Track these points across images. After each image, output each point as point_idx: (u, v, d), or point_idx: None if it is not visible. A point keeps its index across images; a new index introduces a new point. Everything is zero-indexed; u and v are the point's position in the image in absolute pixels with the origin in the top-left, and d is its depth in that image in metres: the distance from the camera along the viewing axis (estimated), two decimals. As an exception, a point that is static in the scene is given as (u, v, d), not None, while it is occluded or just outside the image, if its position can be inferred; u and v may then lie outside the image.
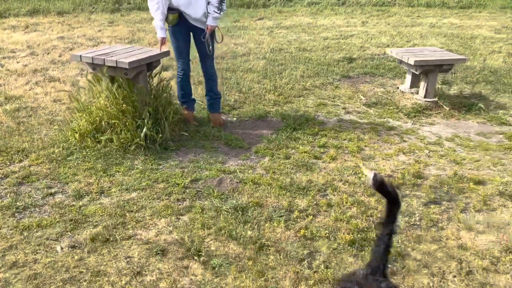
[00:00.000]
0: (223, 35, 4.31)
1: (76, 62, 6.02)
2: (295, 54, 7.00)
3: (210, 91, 4.41)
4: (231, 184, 3.35)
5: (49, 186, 3.24)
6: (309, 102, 5.06)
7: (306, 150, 3.88)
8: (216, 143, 4.06)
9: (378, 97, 5.20)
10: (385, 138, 4.15)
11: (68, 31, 8.33)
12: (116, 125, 3.78)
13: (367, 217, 2.93)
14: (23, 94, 5.01)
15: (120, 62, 3.61)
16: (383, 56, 6.83)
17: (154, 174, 3.44)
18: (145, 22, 9.01)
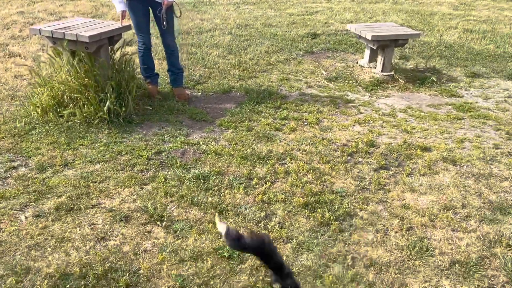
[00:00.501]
0: (181, 10, 4.35)
1: (37, 37, 5.92)
2: (261, 30, 7.07)
3: (172, 66, 4.47)
4: (194, 155, 3.47)
5: (11, 160, 3.27)
6: (272, 77, 5.18)
7: (268, 122, 4.03)
8: (180, 117, 4.14)
9: (339, 72, 5.38)
10: (343, 110, 4.35)
11: (28, 5, 8.08)
12: (78, 99, 3.81)
13: (321, 182, 3.13)
14: (-19, 70, 4.91)
15: (81, 36, 3.61)
16: (346, 32, 6.99)
17: (118, 147, 3.52)
18: None
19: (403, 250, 2.49)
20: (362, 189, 3.07)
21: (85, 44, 3.67)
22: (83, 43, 3.67)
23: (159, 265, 2.34)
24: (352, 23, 7.45)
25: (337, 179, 3.18)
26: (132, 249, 2.46)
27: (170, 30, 4.26)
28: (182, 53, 5.74)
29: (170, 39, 4.33)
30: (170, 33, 4.30)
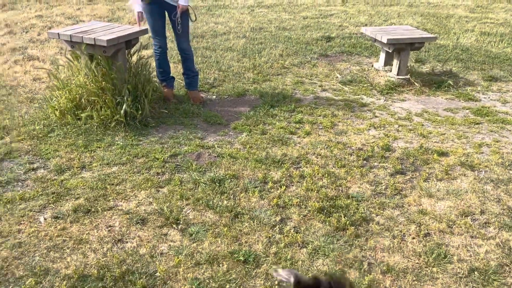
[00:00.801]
0: (195, 14, 4.39)
1: (55, 40, 6.01)
2: (275, 33, 7.08)
3: (187, 70, 4.51)
4: (209, 158, 3.49)
5: (31, 161, 3.33)
6: (287, 80, 5.18)
7: (283, 126, 4.03)
8: (195, 120, 4.17)
9: (354, 75, 5.35)
10: (358, 114, 4.32)
11: (46, 9, 8.22)
12: (96, 102, 3.86)
13: (337, 186, 3.11)
14: (2, 72, 5.01)
15: (99, 40, 3.66)
16: (360, 35, 6.96)
17: (134, 150, 3.55)
18: (124, 0, 8.92)
19: (421, 256, 2.47)
20: (378, 194, 3.05)
21: (103, 48, 3.72)
22: (101, 47, 3.72)
23: (175, 268, 2.36)
24: (366, 26, 7.42)
25: (352, 183, 3.17)
26: (149, 252, 2.48)
27: (185, 34, 4.31)
28: (197, 56, 5.78)
29: (185, 43, 4.37)
30: (185, 37, 4.34)
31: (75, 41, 3.77)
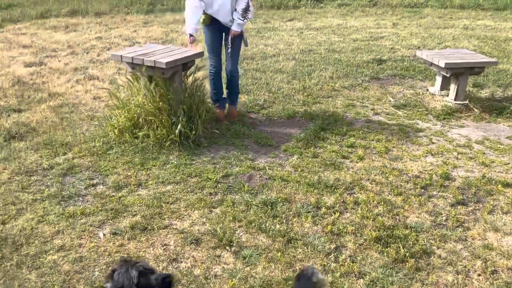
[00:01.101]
0: (247, 40, 4.51)
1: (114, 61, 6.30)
2: (325, 55, 7.07)
3: (231, 88, 4.62)
4: (260, 180, 3.49)
5: (91, 177, 3.46)
6: (337, 103, 5.13)
7: (334, 149, 3.98)
8: (246, 141, 4.20)
9: (407, 99, 5.22)
10: (414, 140, 4.19)
11: (105, 31, 8.67)
12: (152, 121, 3.98)
13: (393, 215, 3.01)
14: (65, 91, 5.30)
15: (158, 62, 3.80)
16: (413, 58, 6.81)
17: (188, 169, 3.62)
18: (178, 23, 9.25)
19: (488, 295, 2.32)
20: (439, 225, 2.91)
21: (162, 69, 3.85)
22: (160, 68, 3.85)
23: (229, 292, 2.34)
24: (420, 49, 7.27)
25: (410, 213, 3.05)
26: (203, 273, 2.48)
27: (235, 56, 4.45)
28: (247, 78, 5.86)
29: (234, 65, 4.50)
30: (235, 59, 4.48)
31: (136, 63, 3.94)
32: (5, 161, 3.64)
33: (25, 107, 4.78)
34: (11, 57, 6.69)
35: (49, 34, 8.35)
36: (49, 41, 7.74)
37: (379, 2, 12.23)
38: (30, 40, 7.83)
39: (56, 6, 10.83)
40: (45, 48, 7.28)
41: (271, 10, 11.34)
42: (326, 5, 12.08)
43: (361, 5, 11.88)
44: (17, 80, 5.59)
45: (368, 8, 11.65)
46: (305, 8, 11.72)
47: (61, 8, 10.59)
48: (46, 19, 9.72)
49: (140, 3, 11.36)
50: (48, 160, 3.69)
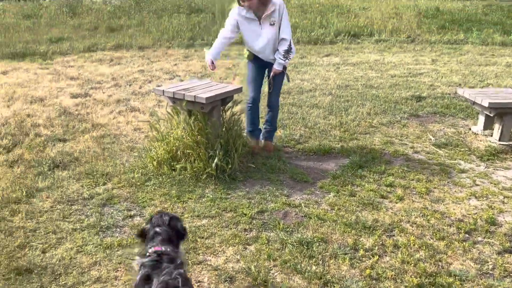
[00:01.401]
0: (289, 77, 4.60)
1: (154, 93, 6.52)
2: (362, 91, 7.03)
3: (269, 122, 4.67)
4: (296, 218, 3.43)
5: (128, 208, 3.52)
6: (375, 140, 5.05)
7: (372, 188, 3.88)
8: (281, 176, 4.18)
9: (449, 138, 5.08)
10: (456, 181, 4.04)
11: (147, 64, 9.03)
12: (190, 154, 4.05)
13: (436, 261, 2.87)
14: (107, 122, 5.50)
15: (198, 97, 3.89)
16: (454, 96, 6.67)
17: (223, 203, 3.62)
18: (217, 57, 9.49)
19: None
20: (485, 274, 2.75)
21: (201, 104, 3.94)
22: (200, 103, 3.94)
23: (263, 335, 2.27)
24: (460, 86, 7.12)
25: (454, 259, 2.90)
26: (236, 314, 2.43)
27: (276, 91, 4.53)
28: (283, 112, 5.89)
29: (275, 99, 4.59)
30: (276, 94, 4.56)
31: (177, 97, 4.05)
32: (49, 189, 3.77)
33: (70, 137, 4.98)
34: (59, 88, 7.04)
35: (95, 66, 8.78)
36: (94, 74, 8.12)
37: (417, 38, 12.17)
38: (77, 72, 8.25)
39: (102, 40, 11.42)
40: (90, 80, 7.64)
41: (308, 46, 11.49)
42: (363, 41, 12.13)
43: (399, 41, 11.85)
44: (63, 110, 5.86)
45: (406, 44, 11.60)
46: (341, 43, 11.81)
47: (107, 42, 11.15)
48: (93, 53, 10.24)
49: (181, 38, 11.80)
50: (89, 189, 3.79)
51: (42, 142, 4.77)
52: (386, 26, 13.38)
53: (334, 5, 17.16)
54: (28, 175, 4.01)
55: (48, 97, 6.48)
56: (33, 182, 3.87)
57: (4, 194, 3.62)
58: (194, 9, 15.81)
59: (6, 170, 4.10)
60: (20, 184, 3.82)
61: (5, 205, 3.47)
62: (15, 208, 3.44)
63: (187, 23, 13.48)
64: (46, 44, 10.92)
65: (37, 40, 11.44)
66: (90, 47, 10.65)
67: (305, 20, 13.94)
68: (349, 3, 17.85)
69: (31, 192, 3.69)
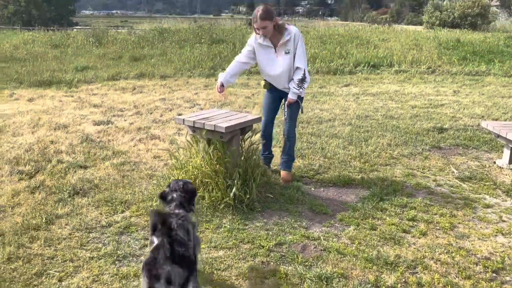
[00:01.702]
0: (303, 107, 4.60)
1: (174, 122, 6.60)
2: (382, 122, 6.98)
3: (286, 152, 4.68)
4: (315, 251, 3.35)
5: (146, 237, 3.50)
6: (396, 172, 4.96)
7: (394, 222, 3.78)
8: (300, 207, 4.11)
9: (473, 171, 4.94)
10: (481, 216, 3.90)
11: (168, 93, 9.20)
12: (208, 183, 4.03)
13: (463, 302, 2.73)
14: (128, 149, 5.56)
15: (218, 127, 3.92)
16: (477, 128, 6.54)
17: (241, 234, 3.56)
18: (236, 87, 9.63)
19: None
20: (516, 318, 2.60)
21: (221, 133, 3.95)
22: (219, 132, 3.96)
23: None
24: (483, 118, 6.99)
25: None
26: None
27: (292, 120, 4.57)
28: (302, 142, 5.87)
29: (290, 129, 4.61)
30: (292, 124, 4.59)
31: (197, 126, 4.08)
32: (68, 216, 3.79)
33: (91, 163, 5.04)
34: (82, 115, 7.21)
35: (118, 95, 8.99)
36: (117, 101, 8.31)
37: (438, 69, 12.12)
38: (100, 100, 8.45)
39: (126, 69, 11.75)
40: (113, 107, 7.81)
41: (327, 76, 11.57)
42: (383, 71, 12.15)
43: (419, 72, 11.83)
44: (85, 137, 5.97)
45: (427, 75, 11.56)
46: (361, 74, 11.85)
47: (130, 71, 11.46)
48: (116, 81, 10.52)
49: (202, 67, 12.05)
50: (107, 217, 3.80)
51: (64, 168, 4.84)
52: (406, 57, 13.41)
53: (353, 37, 17.35)
54: (48, 201, 4.05)
55: (71, 124, 6.63)
56: (53, 209, 3.91)
57: (24, 221, 3.65)
58: (216, 40, 16.21)
59: (28, 196, 4.16)
60: (41, 211, 3.86)
61: (25, 232, 3.50)
62: (34, 234, 3.46)
63: (208, 53, 13.80)
64: (72, 73, 11.29)
65: (64, 68, 11.85)
66: (114, 76, 10.96)
67: (324, 51, 14.10)
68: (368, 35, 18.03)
69: (51, 219, 3.72)
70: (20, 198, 4.11)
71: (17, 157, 5.13)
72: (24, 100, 8.39)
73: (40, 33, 20.28)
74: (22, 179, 4.54)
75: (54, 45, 16.12)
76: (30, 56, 13.69)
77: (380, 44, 15.97)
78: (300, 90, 4.35)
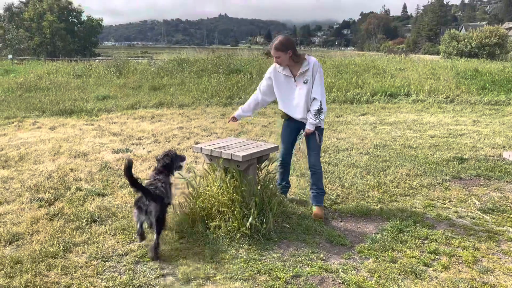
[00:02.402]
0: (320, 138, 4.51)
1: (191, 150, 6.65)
2: (400, 151, 6.90)
3: (313, 184, 4.60)
4: (333, 284, 3.27)
5: (161, 267, 3.47)
6: (416, 203, 4.86)
7: (415, 255, 3.67)
8: (317, 238, 4.04)
9: (495, 203, 4.81)
10: (506, 250, 3.77)
11: (186, 122, 9.32)
12: (225, 212, 4.01)
13: None
14: (146, 177, 5.60)
15: (235, 156, 3.93)
16: (499, 158, 6.41)
17: (257, 265, 3.51)
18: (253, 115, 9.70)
19: None
20: None
21: (238, 162, 3.96)
22: (236, 161, 3.97)
23: None
24: (505, 149, 6.85)
25: None
26: None
27: (314, 152, 4.53)
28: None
29: (314, 160, 4.56)
30: (315, 155, 4.54)
31: (214, 155, 4.10)
32: (85, 244, 3.80)
33: (109, 191, 5.09)
34: (102, 143, 7.34)
35: (137, 123, 9.15)
36: (136, 130, 8.45)
37: (456, 98, 12.03)
38: (119, 128, 8.61)
39: (145, 98, 12.00)
40: (132, 136, 7.93)
41: (344, 105, 11.58)
42: (400, 100, 12.11)
43: (437, 101, 11.76)
44: (104, 165, 6.05)
45: (445, 104, 11.48)
46: (378, 103, 11.83)
47: (149, 100, 11.69)
48: (136, 110, 10.73)
49: (220, 97, 12.22)
50: (124, 246, 3.79)
51: (82, 196, 4.89)
52: (423, 86, 13.38)
53: (370, 66, 17.45)
54: (66, 229, 4.08)
55: (91, 152, 6.75)
56: (71, 237, 3.93)
57: (42, 248, 3.67)
58: (233, 70, 16.50)
59: (46, 223, 4.20)
60: (58, 238, 3.88)
61: (42, 259, 3.51)
62: (51, 262, 3.47)
63: (225, 82, 14.02)
64: (93, 102, 11.58)
65: (85, 98, 12.17)
66: (133, 105, 11.19)
67: (341, 80, 14.18)
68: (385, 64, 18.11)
69: (68, 247, 3.73)
70: (39, 225, 4.15)
71: (38, 184, 5.22)
72: (46, 128, 8.61)
73: (63, 63, 21.01)
74: (41, 206, 4.60)
75: (77, 75, 16.64)
76: (53, 86, 14.13)
77: (397, 73, 16.00)
78: (317, 120, 4.34)
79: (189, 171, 5.75)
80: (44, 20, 46.09)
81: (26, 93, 12.97)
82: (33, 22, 46.93)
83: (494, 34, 28.83)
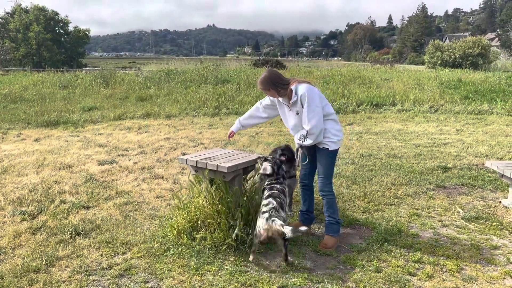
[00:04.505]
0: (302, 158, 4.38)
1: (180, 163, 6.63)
2: (386, 161, 6.97)
3: (326, 212, 4.28)
4: (319, 295, 3.26)
5: (146, 280, 3.44)
6: (401, 212, 4.90)
7: (399, 264, 3.70)
8: (303, 249, 4.05)
9: (478, 211, 4.88)
10: (489, 258, 3.81)
11: (173, 132, 9.30)
12: (210, 224, 4.00)
13: None
14: (131, 189, 5.57)
15: (220, 166, 3.93)
16: (482, 167, 6.51)
17: (243, 277, 3.49)
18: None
19: None
20: None
21: (223, 173, 3.96)
22: (222, 172, 3.97)
23: None
24: (488, 158, 6.97)
25: None
26: None
27: (322, 174, 4.22)
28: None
29: (321, 183, 4.24)
30: (322, 177, 4.23)
31: (199, 166, 4.10)
32: (68, 258, 3.75)
33: (93, 203, 5.04)
34: (87, 155, 7.27)
35: (123, 134, 9.10)
36: (122, 141, 8.40)
37: (441, 108, 12.22)
38: (105, 139, 8.55)
39: (132, 109, 11.95)
40: (118, 147, 7.88)
41: (330, 115, 11.67)
42: (386, 110, 12.26)
43: (422, 110, 11.93)
44: (89, 177, 5.99)
45: (429, 114, 11.65)
46: (364, 112, 11.96)
47: (136, 111, 11.65)
48: (122, 121, 10.68)
49: (207, 107, 12.23)
50: (108, 259, 3.75)
51: (67, 209, 4.83)
52: (408, 96, 13.57)
53: (356, 76, 17.66)
54: (49, 243, 4.02)
55: (76, 164, 6.68)
56: (54, 250, 3.87)
57: (24, 263, 3.61)
58: (220, 80, 16.54)
59: (29, 237, 4.14)
60: (41, 252, 3.82)
61: (24, 274, 3.45)
62: (34, 277, 3.41)
63: (213, 93, 14.04)
64: (79, 113, 11.49)
65: (71, 109, 12.08)
66: (120, 116, 11.13)
67: (327, 90, 14.31)
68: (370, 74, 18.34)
69: (51, 261, 3.68)
70: (21, 239, 4.08)
71: (21, 197, 5.14)
72: (31, 140, 8.50)
73: (49, 74, 20.84)
74: (24, 220, 4.53)
75: (63, 86, 16.51)
76: (39, 97, 14.00)
77: (383, 83, 16.21)
78: (301, 141, 4.12)
79: (175, 182, 5.73)
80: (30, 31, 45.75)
81: (10, 104, 12.83)
82: (19, 32, 46.54)
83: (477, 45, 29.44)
